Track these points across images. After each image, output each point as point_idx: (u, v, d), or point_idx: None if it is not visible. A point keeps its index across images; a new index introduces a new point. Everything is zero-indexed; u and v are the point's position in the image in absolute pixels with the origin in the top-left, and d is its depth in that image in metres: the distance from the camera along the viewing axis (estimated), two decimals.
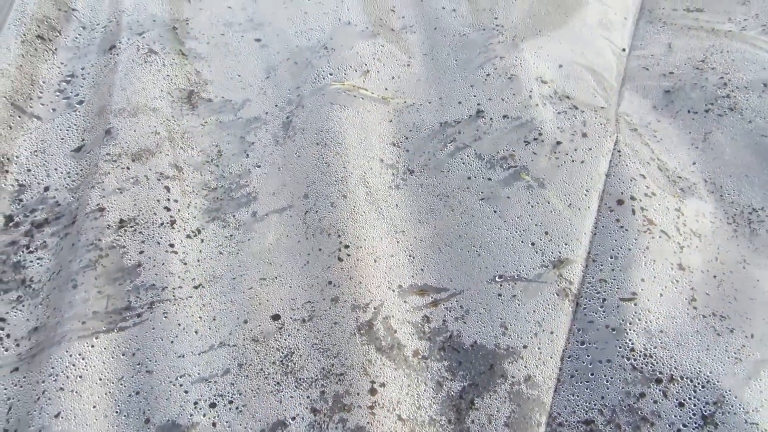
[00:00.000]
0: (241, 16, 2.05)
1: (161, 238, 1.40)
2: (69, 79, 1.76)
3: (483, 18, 2.01)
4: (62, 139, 1.61)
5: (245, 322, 1.29)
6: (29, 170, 1.54)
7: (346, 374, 1.22)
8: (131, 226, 1.41)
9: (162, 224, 1.42)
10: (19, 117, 1.63)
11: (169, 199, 1.47)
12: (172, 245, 1.40)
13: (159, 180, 1.50)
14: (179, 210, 1.46)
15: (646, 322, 1.29)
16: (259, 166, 1.58)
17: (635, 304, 1.31)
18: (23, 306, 1.32)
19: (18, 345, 1.27)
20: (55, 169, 1.55)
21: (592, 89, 1.79)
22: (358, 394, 1.20)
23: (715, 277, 1.39)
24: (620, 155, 1.60)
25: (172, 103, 1.69)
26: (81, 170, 1.54)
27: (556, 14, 2.07)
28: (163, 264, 1.36)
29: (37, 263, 1.38)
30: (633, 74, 1.92)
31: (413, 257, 1.44)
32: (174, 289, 1.32)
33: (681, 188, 1.57)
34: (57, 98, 1.70)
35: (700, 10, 2.16)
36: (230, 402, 1.22)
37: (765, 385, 1.20)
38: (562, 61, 1.87)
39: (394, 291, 1.36)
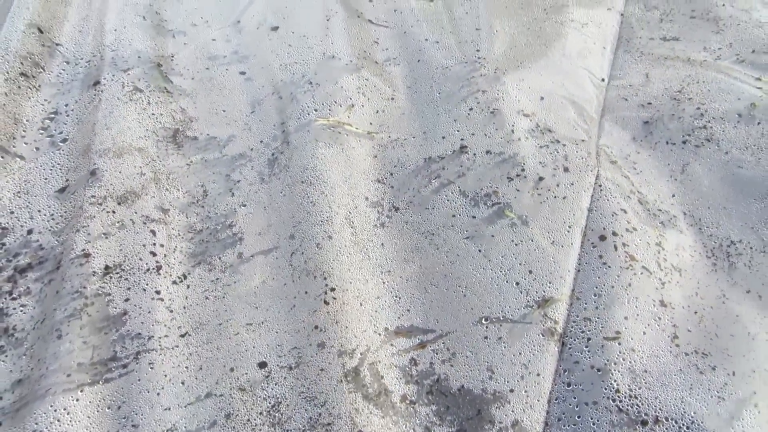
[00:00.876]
0: (226, 48, 2.05)
1: (147, 284, 1.39)
2: (53, 116, 1.75)
3: (465, 50, 2.04)
4: (46, 179, 1.60)
5: (232, 370, 1.29)
6: (12, 212, 1.53)
7: (333, 424, 1.22)
8: (117, 273, 1.40)
9: (148, 270, 1.42)
10: (2, 157, 1.62)
11: (155, 244, 1.47)
12: (158, 292, 1.39)
13: (145, 224, 1.49)
14: (165, 255, 1.45)
15: (630, 362, 1.31)
16: (244, 205, 1.58)
17: (619, 344, 1.33)
18: (6, 356, 1.31)
19: (1, 398, 1.25)
20: (39, 211, 1.53)
21: (573, 122, 1.82)
22: None
23: (696, 313, 1.42)
24: (601, 189, 1.63)
25: (157, 142, 1.68)
26: (65, 212, 1.53)
27: (536, 45, 2.10)
28: (149, 312, 1.35)
29: (21, 310, 1.37)
30: (612, 105, 1.96)
31: (399, 297, 1.44)
32: (160, 338, 1.32)
33: (661, 222, 1.60)
34: (41, 136, 1.69)
35: (675, 39, 2.21)
36: None
37: (747, 424, 1.22)
38: (544, 93, 1.90)
39: (380, 335, 1.37)
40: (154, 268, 1.42)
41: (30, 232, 1.49)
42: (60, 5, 2.08)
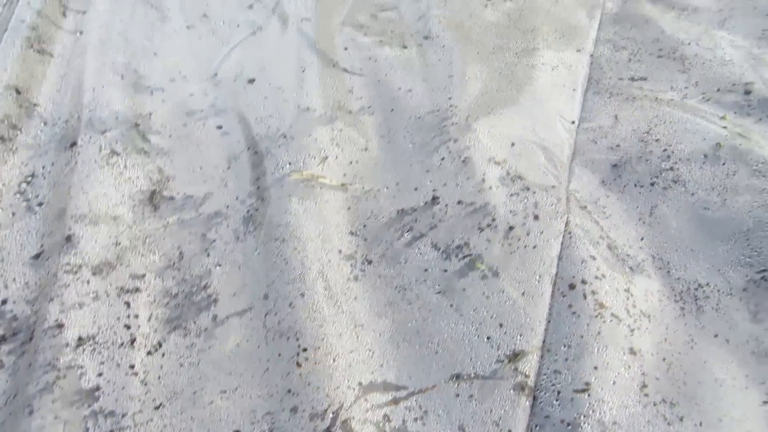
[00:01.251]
0: (203, 102, 2.10)
1: (121, 359, 1.41)
2: (29, 179, 1.78)
3: (438, 98, 2.09)
4: (21, 245, 1.62)
5: None
6: None
7: None
8: (90, 345, 1.41)
9: (122, 344, 1.43)
10: None
11: (129, 316, 1.48)
12: (132, 366, 1.40)
13: (119, 296, 1.51)
14: (139, 326, 1.46)
15: (600, 414, 1.33)
16: (219, 265, 1.61)
17: (589, 395, 1.35)
18: None
19: None
20: (14, 279, 1.55)
21: (543, 167, 1.86)
22: None
23: (664, 359, 1.44)
24: (571, 236, 1.67)
25: (133, 207, 1.71)
26: (39, 279, 1.55)
27: (507, 90, 2.16)
28: (123, 388, 1.36)
29: None
30: (582, 148, 2.00)
31: (373, 352, 1.46)
32: (134, 414, 1.32)
33: (630, 267, 1.63)
34: (17, 201, 1.71)
35: (644, 78, 2.27)
36: None
37: None
38: (514, 139, 1.95)
39: (353, 389, 1.38)
40: (128, 342, 1.43)
41: (4, 302, 1.50)
42: (38, 64, 2.12)
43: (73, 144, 1.86)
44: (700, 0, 2.62)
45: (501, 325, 1.48)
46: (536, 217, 1.69)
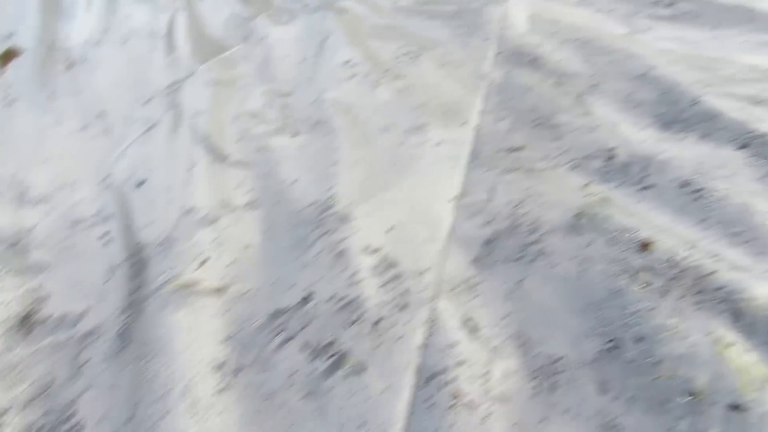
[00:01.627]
0: (90, 209, 2.14)
1: None
2: None
3: (320, 187, 2.19)
4: None
5: None
6: None
7: None
8: None
9: None
10: None
11: None
12: None
13: None
14: None
15: None
16: (89, 389, 1.63)
17: None
18: None
19: None
20: None
21: (419, 250, 1.96)
22: None
23: None
24: (436, 323, 1.75)
25: (4, 333, 1.73)
26: None
27: (390, 172, 2.27)
28: None
29: None
30: (458, 225, 2.11)
31: None
32: None
33: (492, 347, 1.72)
34: None
35: (520, 149, 2.42)
36: None
37: None
38: (393, 222, 2.05)
39: None
40: None
41: None
42: None
43: None
44: (577, 65, 2.80)
45: (363, 424, 1.54)
46: (404, 306, 1.78)
